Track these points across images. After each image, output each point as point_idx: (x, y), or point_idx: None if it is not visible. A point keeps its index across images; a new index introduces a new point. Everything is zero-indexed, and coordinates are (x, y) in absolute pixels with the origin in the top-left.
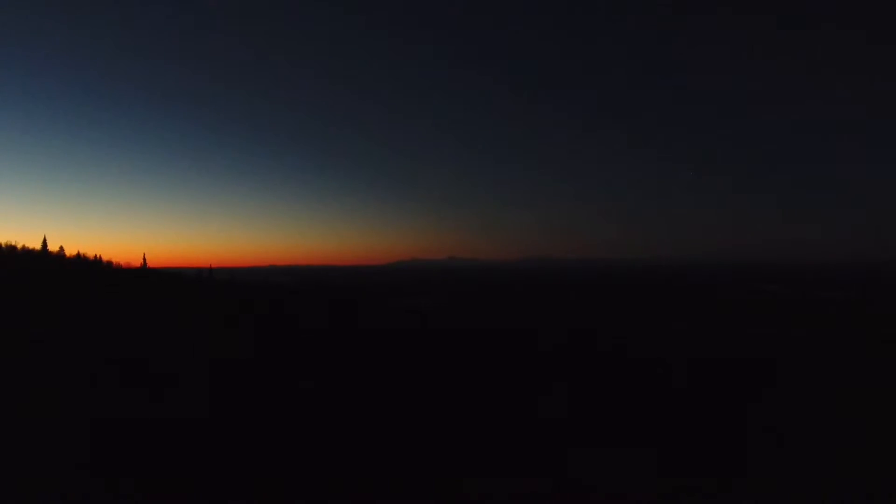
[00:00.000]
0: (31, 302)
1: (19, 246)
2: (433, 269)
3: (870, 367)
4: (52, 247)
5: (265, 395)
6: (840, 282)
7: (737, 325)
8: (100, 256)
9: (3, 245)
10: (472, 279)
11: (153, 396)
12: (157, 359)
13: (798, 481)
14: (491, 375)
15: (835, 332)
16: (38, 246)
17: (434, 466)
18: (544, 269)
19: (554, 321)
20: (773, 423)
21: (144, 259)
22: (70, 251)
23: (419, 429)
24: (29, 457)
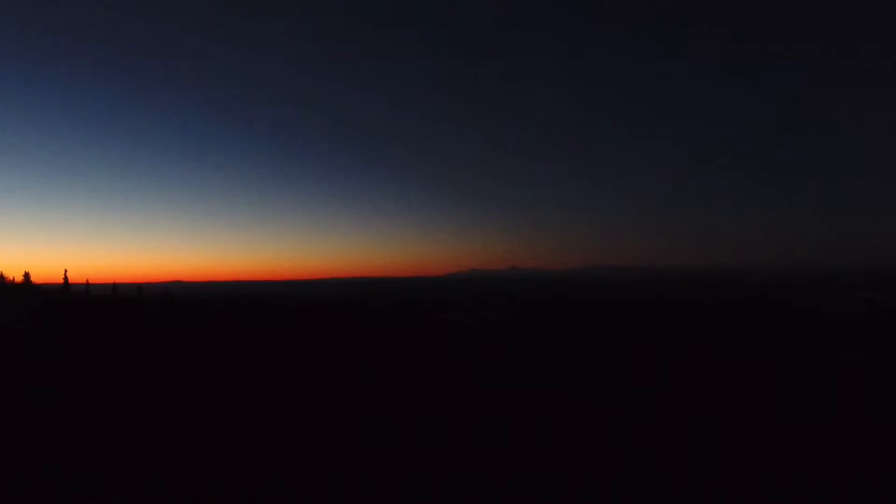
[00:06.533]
0: None
1: None
2: (494, 279)
3: None
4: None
5: None
6: None
7: None
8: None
9: None
10: (540, 290)
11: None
12: None
13: None
14: None
15: None
16: None
17: None
18: (610, 277)
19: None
20: None
21: (66, 276)
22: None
23: None
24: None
